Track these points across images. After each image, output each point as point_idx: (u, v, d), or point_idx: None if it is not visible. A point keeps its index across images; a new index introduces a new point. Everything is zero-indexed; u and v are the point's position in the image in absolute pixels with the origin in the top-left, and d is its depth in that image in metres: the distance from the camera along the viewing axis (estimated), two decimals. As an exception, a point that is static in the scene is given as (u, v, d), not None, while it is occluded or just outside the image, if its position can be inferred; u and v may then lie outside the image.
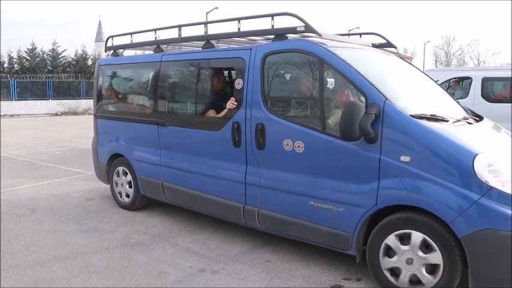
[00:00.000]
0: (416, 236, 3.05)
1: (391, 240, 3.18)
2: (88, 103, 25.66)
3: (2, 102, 23.47)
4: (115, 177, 5.67)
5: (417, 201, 3.03)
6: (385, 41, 4.62)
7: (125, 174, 5.50)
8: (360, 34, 4.71)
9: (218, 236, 4.56)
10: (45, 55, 30.22)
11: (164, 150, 4.84)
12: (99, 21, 61.69)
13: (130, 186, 5.44)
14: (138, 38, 5.52)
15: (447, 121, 3.29)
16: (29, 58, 29.39)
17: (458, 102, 4.34)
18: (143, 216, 5.25)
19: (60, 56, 30.84)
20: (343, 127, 3.15)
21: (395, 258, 3.19)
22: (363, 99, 3.22)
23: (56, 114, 23.96)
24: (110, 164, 5.70)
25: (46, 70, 29.27)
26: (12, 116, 23.16)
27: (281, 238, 4.18)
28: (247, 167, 3.99)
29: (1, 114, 22.52)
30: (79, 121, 20.16)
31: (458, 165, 2.91)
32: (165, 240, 4.46)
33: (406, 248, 3.12)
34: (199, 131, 4.46)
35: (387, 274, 3.25)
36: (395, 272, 3.22)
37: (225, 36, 4.48)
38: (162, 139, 4.84)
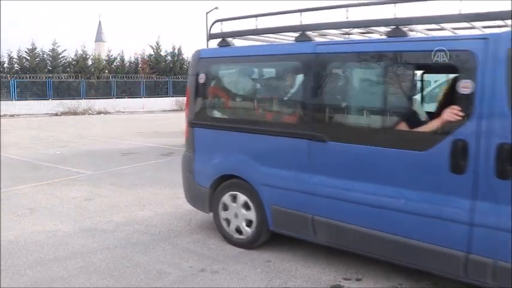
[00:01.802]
0: None
1: None
2: (89, 103, 25.71)
3: (2, 102, 23.48)
4: (223, 206, 4.32)
5: None
6: None
7: (242, 201, 4.17)
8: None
9: (218, 236, 4.56)
10: (45, 55, 30.14)
11: (320, 175, 3.60)
12: (99, 21, 61.88)
13: (250, 219, 4.14)
14: (243, 25, 4.28)
15: None
16: (29, 58, 29.33)
17: None
18: (143, 216, 5.25)
19: (60, 56, 30.79)
20: None
21: None
22: None
23: (56, 114, 23.96)
24: (215, 187, 4.37)
25: (46, 70, 29.21)
26: (12, 116, 23.17)
27: (281, 238, 4.16)
28: (475, 201, 2.90)
29: (1, 114, 22.53)
30: (79, 121, 20.16)
31: None
32: (165, 240, 4.46)
33: None
34: (385, 150, 3.26)
35: None
36: None
37: (442, 21, 3.28)
38: (316, 159, 3.61)
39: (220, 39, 4.38)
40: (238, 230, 4.23)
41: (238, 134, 4.16)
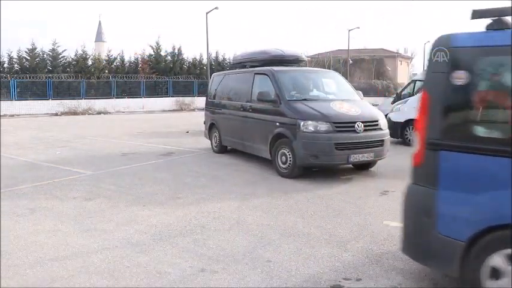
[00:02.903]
0: None
1: None
2: (89, 103, 25.73)
3: (2, 102, 23.51)
4: (492, 271, 2.80)
5: None
6: None
7: None
8: None
9: (218, 236, 4.56)
10: (45, 55, 30.18)
11: None
12: (99, 21, 62.05)
13: None
14: None
15: None
16: (29, 58, 29.36)
17: None
18: (143, 216, 5.25)
19: (60, 56, 30.83)
20: None
21: None
22: None
23: (56, 114, 23.99)
24: (476, 240, 2.89)
25: (46, 70, 29.26)
26: (12, 116, 23.19)
27: (281, 238, 4.17)
28: None
29: (1, 114, 22.55)
30: (79, 121, 20.18)
31: None
32: (165, 240, 4.46)
33: None
34: None
35: None
36: None
37: None
38: None
39: (491, 20, 2.97)
40: None
41: None
